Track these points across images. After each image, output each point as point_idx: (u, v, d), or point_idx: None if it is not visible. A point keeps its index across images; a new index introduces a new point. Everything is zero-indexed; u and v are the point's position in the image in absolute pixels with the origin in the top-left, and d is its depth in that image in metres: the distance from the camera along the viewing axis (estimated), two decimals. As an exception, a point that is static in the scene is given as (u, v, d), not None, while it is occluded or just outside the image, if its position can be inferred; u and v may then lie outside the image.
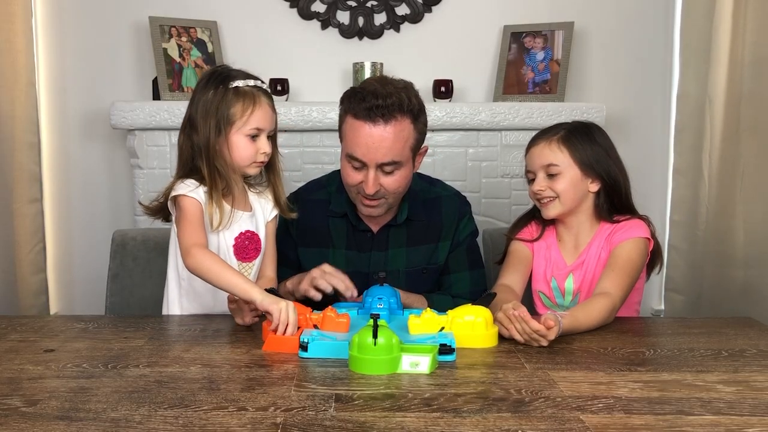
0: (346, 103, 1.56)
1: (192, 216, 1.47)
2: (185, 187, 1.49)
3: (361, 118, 1.51)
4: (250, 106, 1.49)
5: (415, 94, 1.57)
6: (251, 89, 1.51)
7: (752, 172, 2.17)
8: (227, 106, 1.48)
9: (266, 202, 1.62)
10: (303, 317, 1.32)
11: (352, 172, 1.57)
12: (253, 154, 1.51)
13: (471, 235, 1.74)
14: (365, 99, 1.50)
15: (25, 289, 2.45)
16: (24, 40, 2.42)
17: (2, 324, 1.46)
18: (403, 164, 1.55)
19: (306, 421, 0.96)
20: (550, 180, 1.59)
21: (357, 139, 1.52)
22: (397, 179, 1.56)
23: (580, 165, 1.58)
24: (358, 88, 1.56)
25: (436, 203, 1.71)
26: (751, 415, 1.00)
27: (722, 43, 2.26)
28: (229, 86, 1.49)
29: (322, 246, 1.69)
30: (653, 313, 2.80)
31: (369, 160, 1.52)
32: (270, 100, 1.54)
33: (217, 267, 1.39)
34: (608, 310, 1.45)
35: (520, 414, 0.99)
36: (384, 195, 1.57)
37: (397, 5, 2.84)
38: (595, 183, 1.61)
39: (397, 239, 1.68)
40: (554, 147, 1.59)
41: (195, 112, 1.51)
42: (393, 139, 1.51)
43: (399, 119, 1.51)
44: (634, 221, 1.60)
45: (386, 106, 1.49)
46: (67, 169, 2.85)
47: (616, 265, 1.54)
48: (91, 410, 0.99)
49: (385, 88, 1.52)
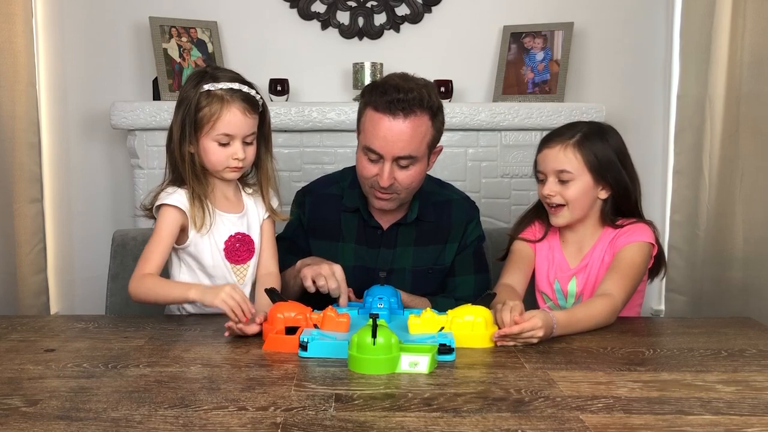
0: (367, 95, 1.58)
1: (160, 233, 1.48)
2: (167, 195, 1.49)
3: (381, 111, 1.53)
4: (217, 111, 1.45)
5: (435, 93, 1.59)
6: (224, 93, 1.46)
7: (752, 172, 2.17)
8: (196, 110, 1.46)
9: (261, 201, 1.61)
10: (303, 317, 1.33)
11: (368, 165, 1.58)
12: (223, 160, 1.48)
13: (478, 239, 1.75)
14: (387, 92, 1.52)
15: (25, 289, 2.45)
16: (24, 40, 2.42)
17: (2, 324, 1.46)
18: (418, 160, 1.57)
19: (306, 421, 0.96)
20: (562, 186, 1.57)
21: (376, 132, 1.54)
22: (411, 174, 1.57)
23: (592, 172, 1.56)
24: (380, 82, 1.58)
25: (446, 206, 1.73)
26: (751, 415, 1.00)
27: (722, 44, 2.26)
28: (201, 88, 1.46)
29: (332, 239, 1.70)
30: (653, 313, 2.80)
31: (386, 152, 1.54)
32: (248, 104, 1.48)
33: (152, 285, 1.42)
34: (609, 311, 1.45)
35: (519, 414, 0.99)
36: (397, 190, 1.59)
37: (397, 5, 2.84)
38: (605, 190, 1.59)
39: (406, 238, 1.69)
40: (569, 153, 1.56)
41: (176, 112, 1.50)
42: (411, 134, 1.53)
43: (418, 114, 1.53)
44: (639, 225, 1.59)
45: (407, 101, 1.51)
46: (67, 169, 2.85)
47: (619, 268, 1.53)
48: (92, 410, 0.99)
49: (407, 84, 1.54)
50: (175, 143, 1.49)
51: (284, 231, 1.77)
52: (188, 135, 1.47)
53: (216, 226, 1.52)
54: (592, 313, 1.43)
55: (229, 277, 1.54)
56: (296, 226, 1.74)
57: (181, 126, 1.47)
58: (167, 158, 1.54)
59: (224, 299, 1.31)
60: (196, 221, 1.48)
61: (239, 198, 1.59)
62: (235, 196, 1.59)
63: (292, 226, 1.74)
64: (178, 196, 1.49)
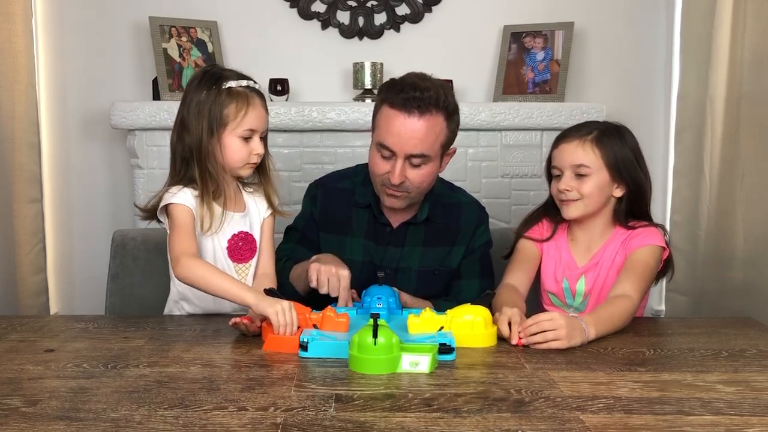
0: (383, 92, 1.58)
1: (181, 224, 1.46)
2: (172, 195, 1.48)
3: (397, 108, 1.53)
4: (243, 107, 1.47)
5: (452, 94, 1.60)
6: (244, 90, 1.49)
7: (752, 172, 2.17)
8: (221, 107, 1.47)
9: (261, 200, 1.61)
10: (303, 317, 1.32)
11: (381, 162, 1.58)
12: (246, 156, 1.50)
13: (486, 244, 1.75)
14: (404, 90, 1.53)
15: (25, 289, 2.45)
16: (24, 40, 2.42)
17: (2, 324, 1.45)
18: (431, 159, 1.57)
19: (306, 421, 0.96)
20: (578, 180, 1.56)
21: (390, 128, 1.54)
22: (423, 173, 1.57)
23: (609, 169, 1.55)
24: (398, 80, 1.59)
25: (456, 208, 1.73)
26: (751, 415, 1.00)
27: (722, 44, 2.26)
28: (222, 87, 1.48)
29: (342, 234, 1.71)
30: (653, 313, 2.80)
31: (399, 149, 1.54)
32: (263, 100, 1.53)
33: (209, 274, 1.38)
34: (631, 313, 1.45)
35: (520, 414, 0.99)
36: (408, 188, 1.59)
37: (397, 5, 2.84)
38: (620, 188, 1.58)
39: (415, 237, 1.70)
40: (588, 147, 1.55)
41: (187, 112, 1.49)
42: (425, 132, 1.53)
43: (434, 114, 1.53)
44: (651, 229, 1.59)
45: (423, 99, 1.51)
46: (67, 169, 2.85)
47: (634, 270, 1.52)
48: (91, 410, 0.99)
49: (424, 83, 1.54)
50: (196, 143, 1.47)
51: (295, 222, 1.78)
52: (215, 133, 1.47)
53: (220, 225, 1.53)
54: (623, 317, 1.43)
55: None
56: (308, 218, 1.75)
57: (209, 125, 1.47)
58: (177, 158, 1.52)
59: (278, 312, 1.29)
60: (203, 222, 1.48)
61: (240, 197, 1.60)
62: (236, 196, 1.59)
63: (304, 217, 1.75)
64: (185, 194, 1.48)
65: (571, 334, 1.30)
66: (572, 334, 1.30)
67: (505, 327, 1.34)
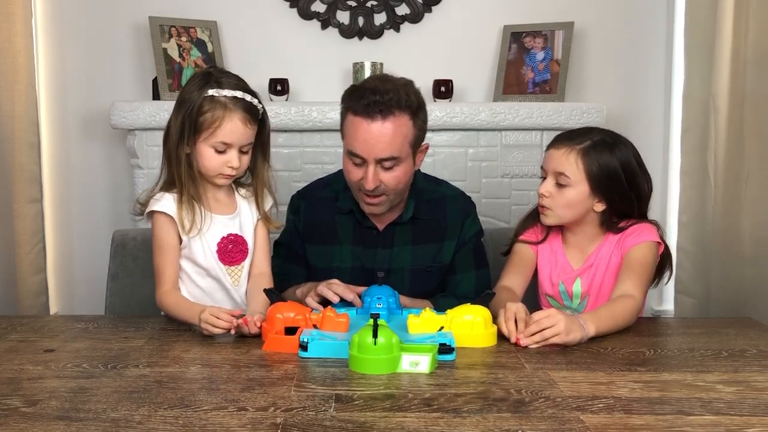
0: (346, 100, 1.58)
1: (161, 243, 1.50)
2: (155, 202, 1.50)
3: (360, 115, 1.53)
4: (218, 119, 1.44)
5: (415, 92, 1.58)
6: (227, 100, 1.45)
7: (757, 171, 2.17)
8: (197, 113, 1.45)
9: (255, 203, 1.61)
10: (302, 317, 1.33)
11: (353, 169, 1.58)
12: (218, 167, 1.48)
13: (476, 234, 1.75)
14: (364, 96, 1.52)
15: (25, 289, 2.45)
16: (24, 40, 2.42)
17: (2, 324, 1.46)
18: (402, 160, 1.56)
19: (306, 421, 0.96)
20: (558, 188, 1.56)
21: (356, 135, 1.54)
22: (396, 175, 1.57)
23: (591, 183, 1.54)
24: (358, 86, 1.59)
25: (441, 202, 1.73)
26: (751, 415, 1.00)
27: (725, 43, 2.25)
28: (205, 93, 1.45)
29: (329, 243, 1.70)
30: (654, 314, 2.80)
31: (368, 155, 1.54)
32: (249, 114, 1.47)
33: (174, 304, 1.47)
34: (634, 313, 1.45)
35: (520, 414, 0.99)
36: (384, 191, 1.58)
37: (397, 5, 2.84)
38: (602, 203, 1.57)
39: (403, 237, 1.69)
40: (572, 158, 1.54)
41: (174, 111, 1.50)
42: (392, 135, 1.53)
43: (397, 115, 1.53)
44: (643, 225, 1.58)
45: (384, 102, 1.51)
46: (67, 169, 2.85)
47: (632, 269, 1.52)
48: (91, 410, 0.99)
49: (384, 85, 1.54)
50: (172, 144, 1.48)
51: (281, 237, 1.77)
52: (186, 137, 1.46)
53: (208, 228, 1.52)
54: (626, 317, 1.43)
55: (223, 278, 1.54)
56: (292, 231, 1.74)
57: (181, 127, 1.46)
58: (164, 155, 1.53)
59: (204, 327, 1.34)
60: (184, 224, 1.48)
61: (232, 199, 1.59)
62: (227, 197, 1.58)
63: (288, 231, 1.75)
64: (166, 201, 1.49)
65: (570, 328, 1.30)
66: (570, 328, 1.31)
67: (512, 324, 1.34)
